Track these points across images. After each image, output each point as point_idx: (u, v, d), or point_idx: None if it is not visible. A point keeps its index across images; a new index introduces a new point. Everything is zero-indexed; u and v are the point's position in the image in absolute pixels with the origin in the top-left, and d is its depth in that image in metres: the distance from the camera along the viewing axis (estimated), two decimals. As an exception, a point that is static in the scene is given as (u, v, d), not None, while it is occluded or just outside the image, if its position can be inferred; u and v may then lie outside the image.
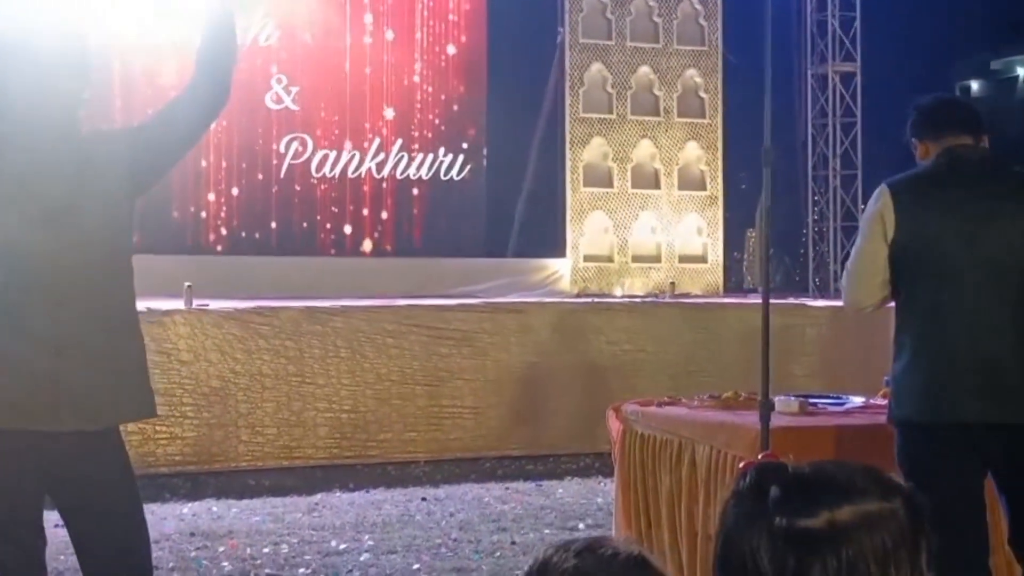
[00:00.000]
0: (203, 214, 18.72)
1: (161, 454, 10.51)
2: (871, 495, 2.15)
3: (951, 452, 4.83)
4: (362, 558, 8.31)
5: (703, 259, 20.35)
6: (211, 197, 18.74)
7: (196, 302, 12.05)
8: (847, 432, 5.72)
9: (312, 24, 19.21)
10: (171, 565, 8.11)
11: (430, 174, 19.67)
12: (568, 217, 19.73)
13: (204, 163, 18.68)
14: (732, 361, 11.70)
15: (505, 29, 19.74)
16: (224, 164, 18.80)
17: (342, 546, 8.58)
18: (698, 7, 20.36)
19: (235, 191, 18.83)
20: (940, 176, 5.12)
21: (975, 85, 21.46)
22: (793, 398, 6.10)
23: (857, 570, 2.08)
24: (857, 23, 21.09)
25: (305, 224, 19.17)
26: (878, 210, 4.99)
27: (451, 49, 19.80)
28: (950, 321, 4.83)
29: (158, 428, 10.42)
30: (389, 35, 19.53)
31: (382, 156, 19.43)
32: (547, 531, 9.00)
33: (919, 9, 21.45)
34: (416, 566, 8.12)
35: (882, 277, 4.93)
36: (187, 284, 12.52)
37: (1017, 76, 22.82)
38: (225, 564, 8.17)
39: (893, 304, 5.09)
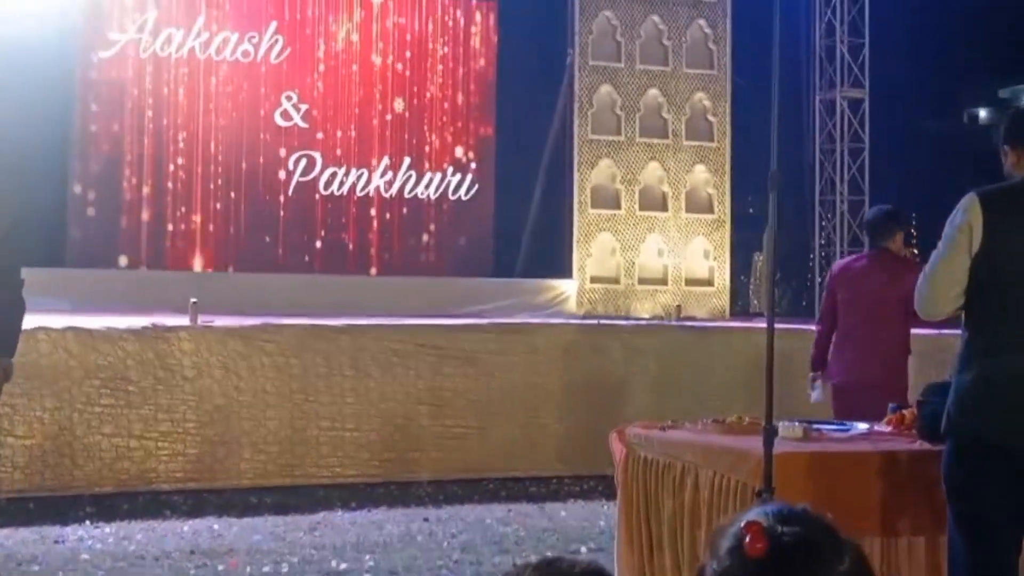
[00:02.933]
0: (210, 230, 18.74)
1: (163, 471, 10.49)
2: (838, 561, 2.23)
3: (1013, 474, 4.73)
4: (363, 578, 8.29)
5: (709, 282, 20.34)
6: (219, 211, 18.76)
7: (201, 318, 12.04)
8: (851, 458, 5.70)
9: (323, 43, 19.26)
10: (171, 582, 8.09)
11: (438, 193, 19.69)
12: (575, 238, 19.73)
13: (212, 180, 18.71)
14: (737, 385, 11.67)
15: (515, 50, 19.78)
16: (232, 180, 18.81)
17: (343, 566, 8.55)
18: (707, 31, 20.39)
19: (243, 208, 18.85)
20: None
21: (983, 112, 21.42)
22: (797, 423, 6.07)
23: None
24: (866, 49, 21.12)
25: (312, 241, 19.18)
26: (967, 221, 4.79)
27: (461, 69, 19.84)
28: None
29: (160, 445, 10.40)
30: (400, 55, 19.56)
31: (390, 175, 19.45)
32: (549, 554, 8.95)
33: (927, 36, 21.44)
34: (417, 587, 8.09)
35: (961, 287, 4.82)
36: (192, 300, 12.52)
37: (1026, 104, 22.79)
38: (226, 582, 8.14)
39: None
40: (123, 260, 18.13)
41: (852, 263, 8.72)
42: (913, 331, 8.34)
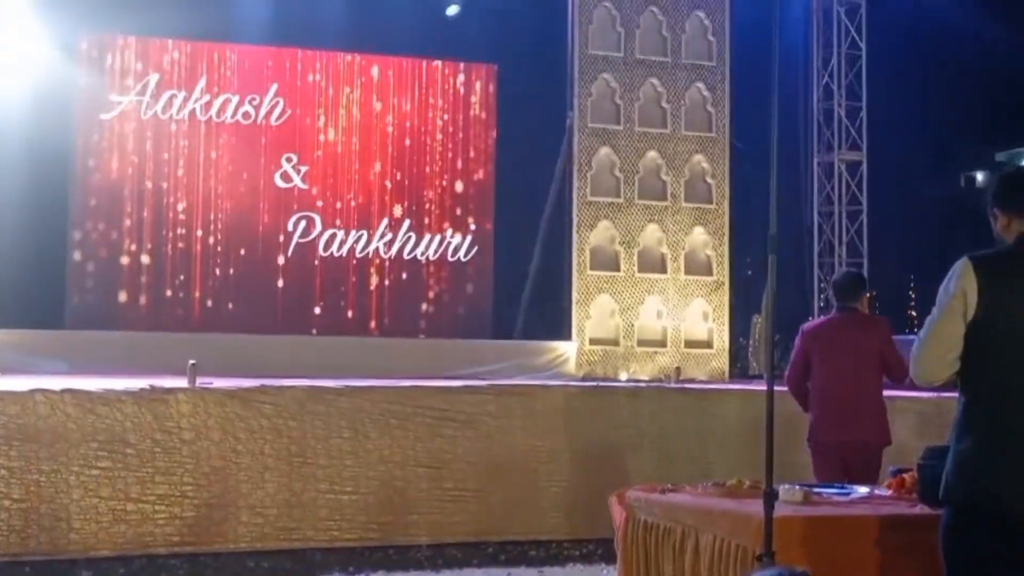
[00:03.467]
0: (210, 292, 18.76)
1: (159, 534, 10.41)
2: None
3: (1013, 540, 4.69)
4: (361, 642, 8.22)
5: (709, 344, 20.33)
6: (218, 274, 18.78)
7: (200, 380, 12.01)
8: (851, 523, 5.67)
9: (323, 106, 19.35)
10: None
11: (437, 254, 19.72)
12: (575, 300, 19.75)
13: (212, 240, 18.75)
14: (737, 448, 11.62)
15: (515, 112, 19.87)
16: (231, 242, 18.85)
17: (341, 630, 8.48)
18: (706, 94, 20.49)
19: (242, 269, 18.88)
20: None
21: (980, 175, 21.51)
22: (798, 487, 6.04)
23: None
24: (863, 113, 21.24)
25: (311, 303, 19.19)
26: (961, 287, 4.77)
27: (461, 131, 19.92)
28: None
29: (157, 508, 10.33)
30: (400, 118, 19.65)
31: (389, 236, 19.49)
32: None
33: (924, 100, 21.56)
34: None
35: (956, 353, 4.81)
36: (191, 362, 12.50)
37: (1022, 167, 22.83)
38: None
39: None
40: (122, 322, 18.12)
41: (824, 324, 8.86)
42: (913, 393, 8.45)
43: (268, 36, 18.72)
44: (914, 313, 21.84)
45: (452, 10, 19.33)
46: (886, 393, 8.61)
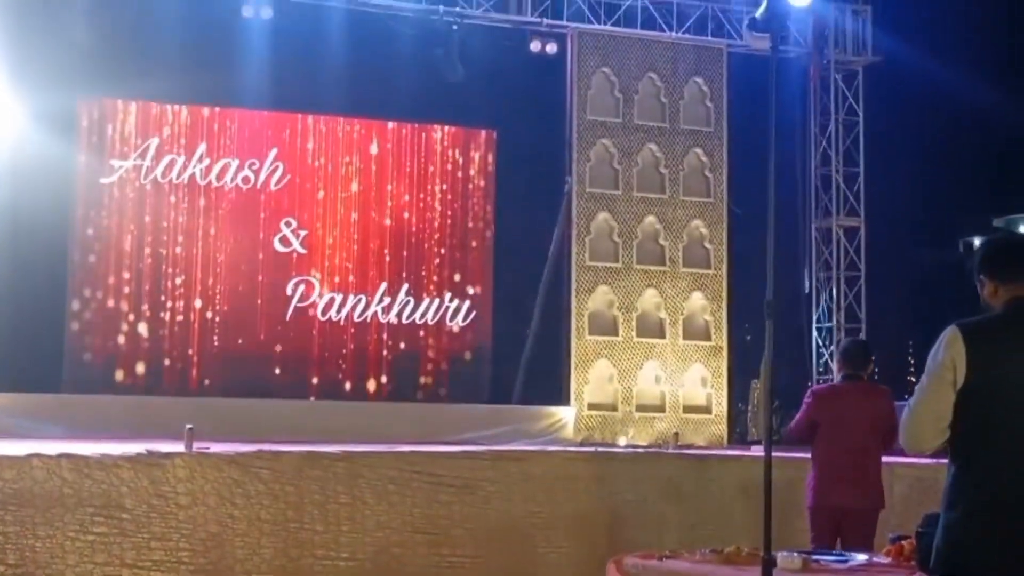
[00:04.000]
0: (208, 355, 18.74)
1: (156, 599, 10.34)
2: None
3: None
4: None
5: (707, 410, 20.31)
6: (215, 340, 18.78)
7: (197, 445, 11.97)
8: (850, 591, 5.65)
9: (322, 171, 19.42)
10: None
11: (436, 319, 19.73)
12: (573, 365, 19.73)
13: (211, 304, 18.76)
14: (735, 515, 11.58)
15: (514, 177, 19.95)
16: (230, 307, 18.86)
17: None
18: (704, 159, 20.58)
19: (240, 333, 18.87)
20: (1013, 324, 4.93)
21: (978, 241, 21.52)
22: (796, 554, 6.02)
23: None
24: (861, 179, 21.31)
25: (310, 367, 19.17)
26: (950, 357, 4.78)
27: (460, 196, 19.98)
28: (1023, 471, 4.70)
29: (152, 574, 10.27)
30: (399, 183, 19.72)
31: (388, 300, 19.50)
32: None
33: (922, 166, 21.65)
34: None
35: (946, 422, 4.79)
36: (188, 427, 12.46)
37: (1007, 233, 22.88)
38: None
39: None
40: (119, 386, 18.10)
41: (834, 390, 9.19)
42: (912, 460, 8.51)
43: (268, 101, 18.82)
44: (912, 379, 21.79)
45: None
46: (886, 459, 8.69)
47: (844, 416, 8.52)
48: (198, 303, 18.70)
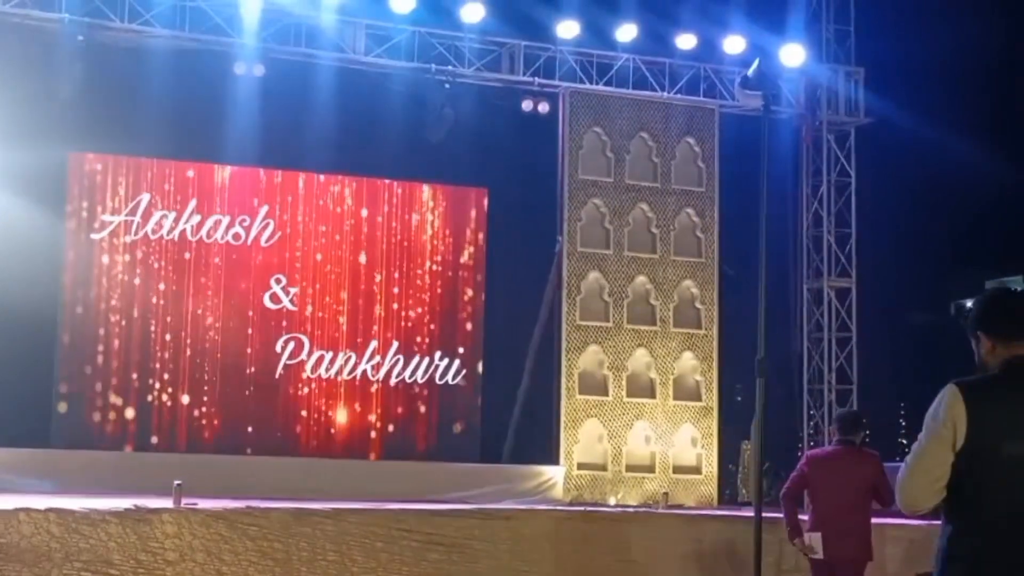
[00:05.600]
0: (197, 412, 18.67)
1: (141, 657, 10.26)
2: None
3: None
4: None
5: (697, 470, 20.24)
6: (205, 396, 18.72)
7: (185, 501, 11.93)
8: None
9: (313, 228, 19.44)
10: None
11: (425, 378, 19.68)
12: (563, 424, 19.67)
13: (198, 361, 18.72)
14: (724, 575, 11.54)
15: (505, 236, 19.97)
16: (219, 362, 18.81)
17: None
18: (695, 219, 20.61)
19: (229, 390, 18.81)
20: (1013, 385, 4.86)
21: (970, 303, 21.53)
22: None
23: None
24: (852, 240, 21.32)
25: (298, 425, 19.11)
26: (950, 417, 4.68)
27: (451, 256, 19.98)
28: (1021, 535, 4.63)
29: (139, 630, 10.20)
30: (389, 241, 19.72)
31: (378, 359, 19.46)
32: None
33: (914, 227, 21.73)
34: None
35: (943, 482, 4.71)
36: (177, 482, 12.42)
37: (1004, 288, 22.88)
38: None
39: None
40: (108, 442, 18.02)
41: (825, 454, 9.82)
42: (904, 521, 8.72)
43: (259, 158, 18.84)
44: (904, 441, 21.79)
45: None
46: (880, 521, 9.14)
47: (833, 478, 9.22)
48: (188, 358, 18.64)
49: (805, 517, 9.38)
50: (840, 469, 9.29)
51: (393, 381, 19.53)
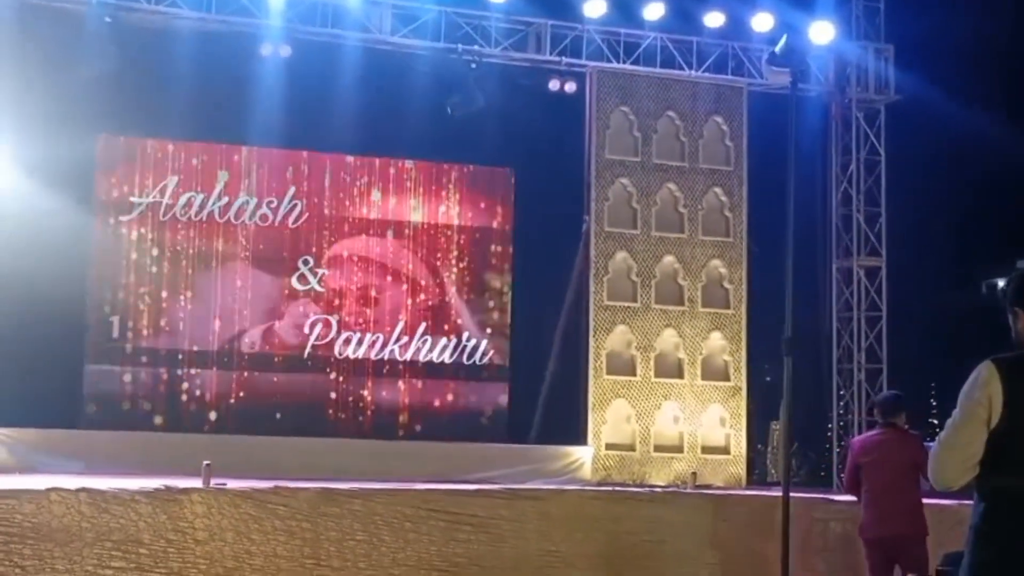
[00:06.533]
0: (225, 392, 18.73)
1: (171, 636, 10.30)
2: None
3: None
4: None
5: (726, 450, 20.20)
6: (233, 376, 18.78)
7: (214, 481, 11.96)
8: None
9: (339, 208, 19.44)
10: None
11: (453, 358, 19.69)
12: (591, 404, 19.67)
13: (228, 342, 18.77)
14: (753, 555, 11.50)
15: (532, 217, 19.94)
16: (248, 344, 18.87)
17: None
18: (723, 199, 20.54)
19: (257, 370, 18.86)
20: None
21: (1001, 282, 21.41)
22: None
23: None
24: (882, 219, 21.21)
25: (326, 405, 19.14)
26: (986, 393, 4.68)
27: (478, 234, 19.97)
28: None
29: (169, 609, 10.23)
30: (417, 222, 19.72)
31: (405, 339, 19.48)
32: None
33: (944, 206, 21.56)
34: None
35: (976, 459, 4.68)
36: (206, 463, 12.46)
37: (1044, 264, 22.74)
38: None
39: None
40: (137, 423, 18.10)
41: (869, 438, 10.07)
42: (932, 500, 8.81)
43: (286, 139, 18.83)
44: (935, 421, 21.69)
45: None
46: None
47: (878, 461, 9.56)
48: (215, 339, 18.70)
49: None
50: (885, 451, 9.54)
51: (421, 362, 19.55)
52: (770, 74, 18.50)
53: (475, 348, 19.74)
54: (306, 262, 19.13)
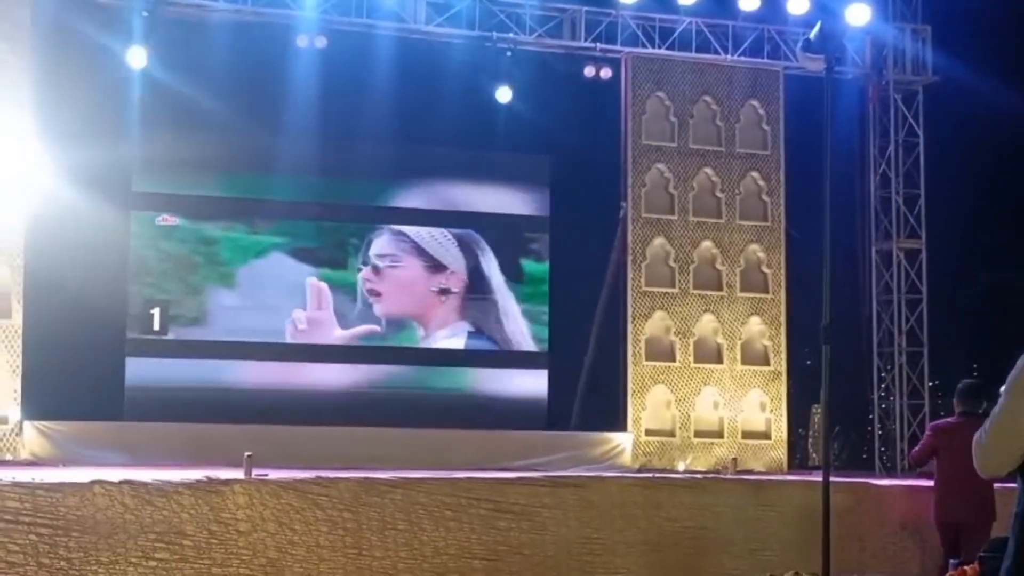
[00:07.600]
0: (264, 383, 18.80)
1: (216, 626, 10.37)
2: None
3: None
4: None
5: (766, 435, 20.15)
6: (273, 366, 18.84)
7: (256, 472, 12.03)
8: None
9: (377, 196, 19.48)
10: None
11: (492, 345, 19.69)
12: (630, 391, 19.65)
13: (266, 332, 18.83)
14: (794, 540, 11.49)
15: (569, 203, 19.92)
16: (288, 334, 18.92)
17: None
18: (761, 183, 20.47)
19: (295, 360, 18.92)
20: None
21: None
22: (857, 580, 5.98)
23: None
24: (921, 201, 21.08)
25: (366, 394, 19.16)
26: None
27: (517, 220, 19.96)
28: None
29: (213, 600, 10.30)
30: (455, 205, 19.73)
31: (445, 327, 19.50)
32: None
33: (984, 187, 21.44)
34: None
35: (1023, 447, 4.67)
36: (247, 454, 12.52)
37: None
38: None
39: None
40: (177, 414, 18.18)
41: (949, 425, 10.43)
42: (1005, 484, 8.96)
43: (322, 130, 18.74)
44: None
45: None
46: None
47: (955, 447, 9.57)
48: (255, 329, 18.77)
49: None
50: (962, 438, 9.43)
51: (460, 350, 19.57)
52: (805, 61, 18.41)
53: (513, 335, 19.74)
54: (346, 251, 19.16)
